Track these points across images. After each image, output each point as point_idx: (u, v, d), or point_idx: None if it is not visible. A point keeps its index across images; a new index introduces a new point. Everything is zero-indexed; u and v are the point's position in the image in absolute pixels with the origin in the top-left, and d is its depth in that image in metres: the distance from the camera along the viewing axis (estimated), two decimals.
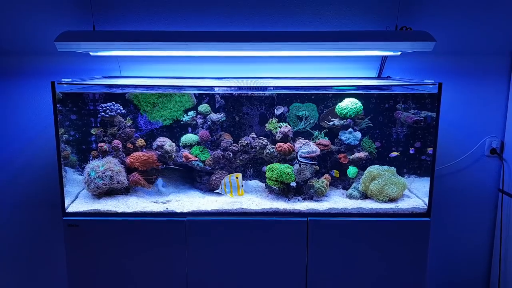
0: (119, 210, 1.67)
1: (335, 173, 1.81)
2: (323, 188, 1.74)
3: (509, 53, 2.01)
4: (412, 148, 1.93)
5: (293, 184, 1.75)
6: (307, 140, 1.87)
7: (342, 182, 1.89)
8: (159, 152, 1.85)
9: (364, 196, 1.78)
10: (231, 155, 1.85)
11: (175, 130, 1.99)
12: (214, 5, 1.94)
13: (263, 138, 1.88)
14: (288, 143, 1.83)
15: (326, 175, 1.81)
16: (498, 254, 2.12)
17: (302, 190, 1.79)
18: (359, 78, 2.04)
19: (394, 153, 1.90)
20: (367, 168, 1.80)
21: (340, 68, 2.04)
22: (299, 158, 1.74)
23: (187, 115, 1.94)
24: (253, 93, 1.93)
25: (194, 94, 1.95)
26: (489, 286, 2.23)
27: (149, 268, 1.67)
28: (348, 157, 1.86)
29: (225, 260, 1.67)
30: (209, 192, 1.85)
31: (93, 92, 1.92)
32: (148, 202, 1.73)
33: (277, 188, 1.77)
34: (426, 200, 1.69)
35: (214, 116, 1.90)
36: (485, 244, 2.20)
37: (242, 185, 1.73)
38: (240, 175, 1.73)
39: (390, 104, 1.97)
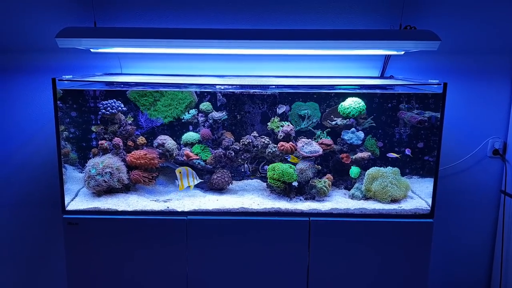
0: (120, 209, 1.65)
1: (292, 158, 1.76)
2: (325, 188, 1.73)
3: None
4: (408, 149, 1.90)
5: (295, 183, 1.74)
6: (310, 139, 1.85)
7: (345, 182, 1.88)
8: (160, 150, 1.84)
9: (367, 196, 1.76)
10: (233, 154, 1.84)
11: (176, 128, 1.97)
12: (217, 2, 1.92)
13: (265, 137, 1.87)
14: (291, 142, 1.82)
15: (328, 175, 1.80)
16: (500, 255, 2.12)
17: (304, 190, 1.78)
18: (361, 77, 2.02)
19: (393, 154, 1.87)
20: (368, 170, 1.78)
21: (343, 67, 2.03)
22: (260, 171, 1.77)
23: (189, 113, 1.92)
24: (255, 92, 1.92)
25: (196, 92, 1.94)
26: (490, 287, 2.23)
27: (149, 267, 1.65)
28: (351, 157, 1.84)
29: (226, 260, 1.65)
30: (210, 191, 1.84)
31: (94, 89, 1.91)
32: (149, 201, 1.72)
33: (279, 187, 1.75)
34: (429, 201, 1.68)
35: (216, 115, 1.89)
36: (487, 245, 2.20)
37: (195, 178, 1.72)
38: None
39: (393, 104, 1.95)
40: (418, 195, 1.82)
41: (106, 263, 1.65)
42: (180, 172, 1.70)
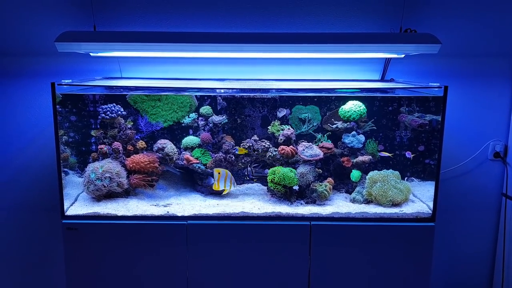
0: (119, 214, 1.64)
1: (239, 150, 1.75)
2: (326, 192, 1.72)
3: None
4: (408, 152, 1.89)
5: (296, 187, 1.73)
6: (310, 143, 1.85)
7: (345, 186, 1.87)
8: (160, 155, 1.83)
9: (368, 200, 1.76)
10: (233, 157, 1.83)
11: (176, 132, 1.96)
12: (217, 5, 1.92)
13: (266, 141, 1.86)
14: (291, 146, 1.81)
15: (329, 179, 1.79)
16: (501, 258, 2.11)
17: (305, 194, 1.77)
18: (362, 80, 2.02)
19: (385, 153, 1.86)
20: (369, 174, 1.78)
21: (343, 70, 2.03)
22: (249, 174, 1.77)
23: (189, 117, 1.92)
24: (256, 95, 1.91)
25: (196, 96, 1.93)
26: None
27: (149, 272, 1.64)
28: (352, 160, 1.84)
29: (226, 264, 1.64)
30: (210, 195, 1.83)
31: (94, 93, 1.90)
32: (148, 205, 1.71)
33: (279, 192, 1.74)
34: (431, 204, 1.67)
35: (216, 118, 1.88)
36: (488, 248, 2.19)
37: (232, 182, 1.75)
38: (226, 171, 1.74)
39: (394, 107, 1.95)
40: (420, 199, 1.81)
41: (106, 268, 1.64)
42: (219, 173, 1.71)
